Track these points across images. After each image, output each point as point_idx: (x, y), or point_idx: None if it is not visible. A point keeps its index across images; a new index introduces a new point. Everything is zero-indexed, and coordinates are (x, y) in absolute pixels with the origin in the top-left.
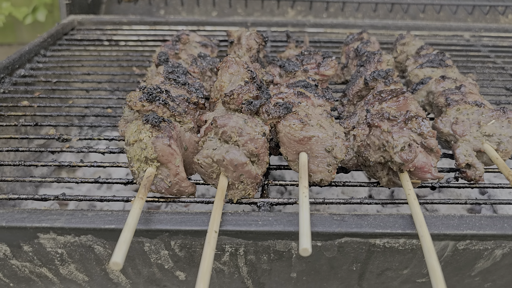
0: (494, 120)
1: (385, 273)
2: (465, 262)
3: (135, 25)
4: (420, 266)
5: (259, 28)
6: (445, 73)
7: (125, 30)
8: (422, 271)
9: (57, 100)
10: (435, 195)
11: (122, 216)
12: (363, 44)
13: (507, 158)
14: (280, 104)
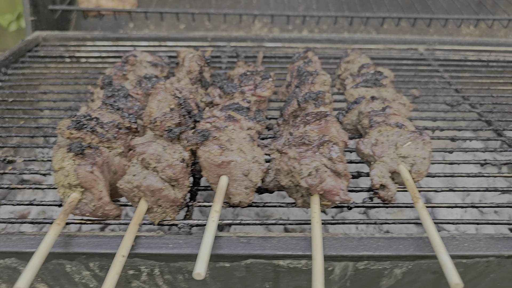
0: (410, 142)
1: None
2: (369, 280)
3: (99, 41)
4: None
5: (219, 43)
6: (378, 93)
7: (88, 46)
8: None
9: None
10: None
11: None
12: (305, 63)
13: (421, 178)
14: (198, 132)
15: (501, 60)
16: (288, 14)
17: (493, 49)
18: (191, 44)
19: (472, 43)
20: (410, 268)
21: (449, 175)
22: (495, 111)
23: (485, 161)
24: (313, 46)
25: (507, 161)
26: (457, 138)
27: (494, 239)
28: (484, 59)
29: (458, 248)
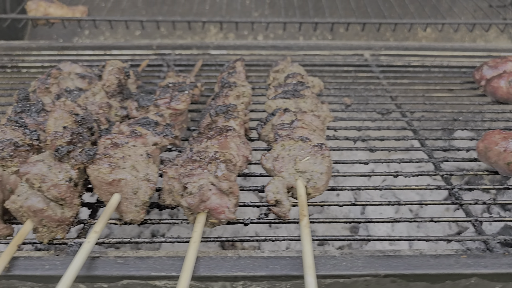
0: (309, 157)
1: None
2: None
3: (44, 50)
4: None
5: (164, 51)
6: (296, 104)
7: (33, 56)
8: None
9: None
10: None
11: None
12: (229, 74)
13: (318, 194)
14: (85, 151)
15: (444, 65)
16: (236, 21)
17: (439, 54)
18: (136, 52)
19: (419, 48)
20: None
21: (355, 188)
22: (422, 120)
23: (396, 172)
24: (258, 53)
25: (418, 173)
26: (375, 149)
27: (373, 258)
28: (427, 64)
29: (335, 267)
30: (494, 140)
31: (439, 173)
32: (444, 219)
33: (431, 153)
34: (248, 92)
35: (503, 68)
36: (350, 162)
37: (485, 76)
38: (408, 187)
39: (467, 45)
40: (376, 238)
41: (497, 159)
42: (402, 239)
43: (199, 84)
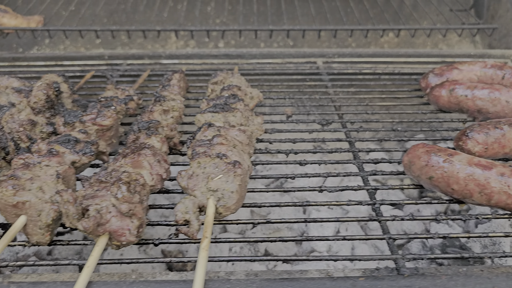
0: (222, 175)
1: None
2: None
3: None
4: None
5: (116, 61)
6: (224, 118)
7: None
8: None
9: None
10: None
11: None
12: (162, 87)
13: (229, 213)
14: None
15: (395, 73)
16: (191, 29)
17: (393, 60)
18: (87, 63)
19: (372, 55)
20: None
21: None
22: (361, 130)
23: (320, 187)
24: (210, 62)
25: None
26: (305, 163)
27: (268, 281)
28: (378, 72)
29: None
30: (417, 154)
31: (364, 187)
32: (357, 237)
33: (361, 166)
34: (178, 106)
35: (448, 75)
36: (276, 176)
37: (430, 84)
38: (328, 203)
39: (421, 51)
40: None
41: (420, 173)
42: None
43: (135, 97)
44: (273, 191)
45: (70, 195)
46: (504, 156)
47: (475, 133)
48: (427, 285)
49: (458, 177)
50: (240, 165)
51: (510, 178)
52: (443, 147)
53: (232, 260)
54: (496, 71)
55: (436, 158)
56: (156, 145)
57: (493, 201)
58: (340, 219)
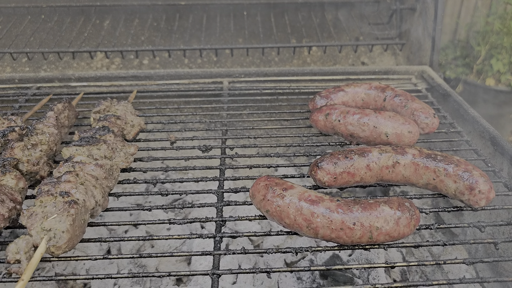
0: (56, 214)
1: None
2: None
3: None
4: None
5: (26, 85)
6: (89, 151)
7: None
8: None
9: None
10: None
11: None
12: (37, 120)
13: (61, 252)
14: None
15: (296, 92)
16: (105, 50)
17: (298, 79)
18: None
19: (277, 74)
20: None
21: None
22: (235, 157)
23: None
24: (119, 84)
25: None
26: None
27: None
28: (279, 91)
29: None
30: (258, 188)
31: (213, 219)
32: (182, 272)
33: (221, 195)
34: (46, 140)
35: (334, 98)
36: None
37: (317, 106)
38: (171, 237)
39: (326, 69)
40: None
41: (259, 206)
42: None
43: (17, 129)
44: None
45: None
46: (356, 184)
47: (324, 163)
48: None
49: (288, 212)
50: (75, 204)
51: (333, 213)
52: (285, 180)
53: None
54: (379, 93)
55: (272, 192)
56: (9, 183)
57: (320, 235)
58: (174, 254)
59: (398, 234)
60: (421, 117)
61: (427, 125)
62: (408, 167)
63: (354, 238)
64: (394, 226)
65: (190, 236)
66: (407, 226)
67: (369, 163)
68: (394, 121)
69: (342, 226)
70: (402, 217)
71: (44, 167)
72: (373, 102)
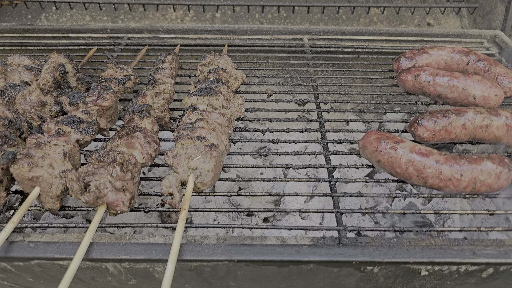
0: (200, 156)
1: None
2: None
3: (6, 33)
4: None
5: (117, 35)
6: (208, 101)
7: None
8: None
9: None
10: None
11: None
12: (156, 70)
13: (205, 188)
14: (6, 154)
15: (374, 52)
16: (187, 4)
17: (374, 39)
18: (91, 35)
19: (355, 33)
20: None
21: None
22: (331, 111)
23: (286, 165)
24: (205, 37)
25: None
26: (277, 141)
27: (231, 246)
28: (358, 50)
29: (198, 253)
30: (370, 140)
31: (325, 166)
32: (310, 210)
33: (326, 145)
34: (168, 89)
35: (419, 59)
36: (251, 154)
37: (402, 67)
38: (292, 180)
39: (401, 30)
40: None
41: (370, 156)
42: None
43: (132, 77)
44: (247, 166)
45: (74, 175)
46: (450, 141)
47: (425, 121)
48: (356, 253)
49: (400, 162)
50: (216, 148)
51: (443, 165)
52: (393, 134)
53: (198, 227)
54: (462, 56)
55: (384, 144)
56: (147, 126)
57: (428, 183)
58: (299, 194)
59: (498, 186)
60: (505, 82)
61: (510, 89)
62: (501, 128)
63: (459, 188)
64: (495, 179)
65: (309, 179)
66: (506, 180)
67: (465, 122)
68: (482, 84)
69: (450, 177)
70: (503, 171)
71: (167, 113)
72: (456, 65)
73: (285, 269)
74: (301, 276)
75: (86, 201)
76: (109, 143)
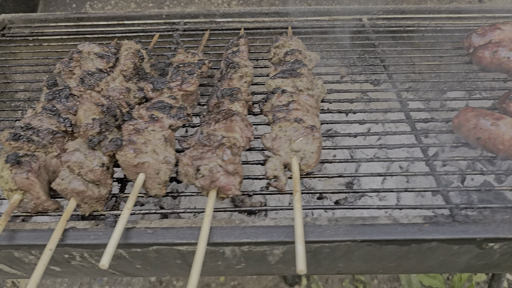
0: (302, 138)
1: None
2: (259, 257)
3: (61, 21)
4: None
5: (173, 20)
6: (293, 83)
7: (51, 28)
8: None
9: None
10: None
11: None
12: (233, 53)
13: (310, 170)
14: (113, 140)
15: (438, 29)
16: None
17: (435, 16)
18: (147, 22)
19: (415, 11)
20: (286, 250)
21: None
22: (410, 90)
23: (380, 145)
24: (262, 20)
25: (400, 145)
26: (364, 122)
27: (352, 226)
28: (421, 29)
29: (320, 234)
30: (467, 117)
31: (418, 145)
32: (417, 189)
33: (413, 125)
34: (250, 72)
35: (491, 36)
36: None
37: (473, 44)
38: (389, 159)
39: (463, 7)
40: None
41: (468, 134)
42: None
43: (206, 62)
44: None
45: (188, 159)
46: None
47: None
48: (479, 230)
49: (503, 139)
50: (317, 130)
51: None
52: (488, 110)
53: (315, 209)
54: None
55: (484, 121)
56: (239, 110)
57: None
58: (400, 174)
59: None
60: None
61: None
62: None
63: None
64: None
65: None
66: None
67: None
68: None
69: None
70: None
71: (251, 97)
72: None
73: (405, 248)
74: (417, 255)
75: (201, 185)
76: (204, 128)
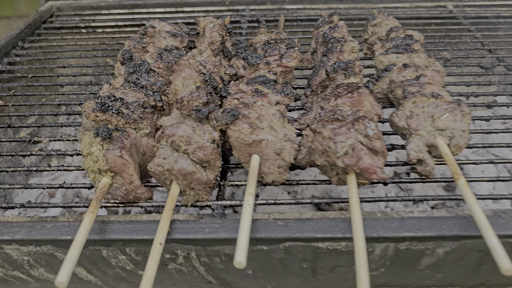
0: (447, 114)
1: (336, 269)
2: (410, 259)
3: (114, 9)
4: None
5: (237, 7)
6: (410, 59)
7: (104, 15)
8: (372, 266)
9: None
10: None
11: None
12: (331, 29)
13: (459, 152)
14: (228, 111)
15: None
16: None
17: None
18: (208, 9)
19: None
20: (454, 248)
21: (487, 146)
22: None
23: None
24: (336, 7)
25: None
26: (493, 105)
27: None
28: None
29: (505, 227)
30: None
31: None
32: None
33: None
34: (357, 48)
35: None
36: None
37: None
38: None
39: None
40: None
41: None
42: None
43: (296, 40)
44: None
45: (331, 132)
46: None
47: None
48: None
49: None
50: (466, 104)
51: None
52: None
53: (486, 199)
54: None
55: None
56: None
57: None
58: None
59: None
60: None
61: None
62: None
63: None
64: None
65: None
66: None
67: None
68: None
69: None
70: None
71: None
72: None
73: None
74: None
75: (346, 165)
76: (323, 103)
